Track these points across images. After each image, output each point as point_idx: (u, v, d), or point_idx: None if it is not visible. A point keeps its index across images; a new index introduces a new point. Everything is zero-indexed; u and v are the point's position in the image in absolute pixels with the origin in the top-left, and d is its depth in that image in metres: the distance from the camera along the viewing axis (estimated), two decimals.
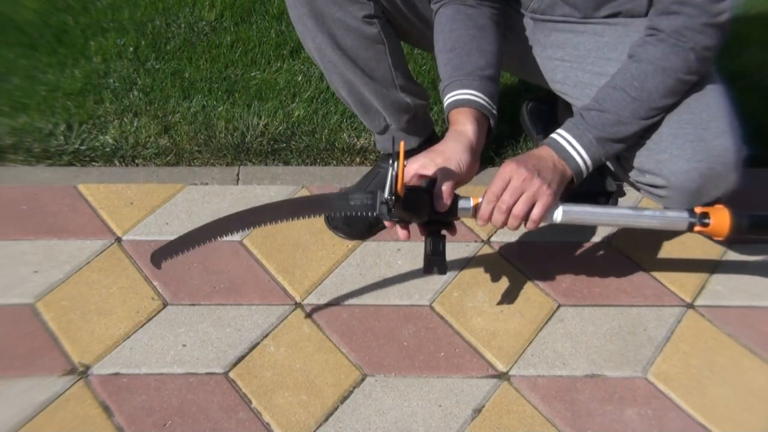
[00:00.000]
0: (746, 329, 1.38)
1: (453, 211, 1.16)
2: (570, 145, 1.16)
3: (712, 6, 1.10)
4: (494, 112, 1.20)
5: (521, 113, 1.73)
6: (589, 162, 1.17)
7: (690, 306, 1.42)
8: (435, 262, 1.20)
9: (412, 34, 1.41)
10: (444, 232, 1.20)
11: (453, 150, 1.14)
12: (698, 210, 1.22)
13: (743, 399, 1.27)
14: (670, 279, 1.46)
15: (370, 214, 1.19)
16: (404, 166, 1.08)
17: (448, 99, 1.20)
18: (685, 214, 1.23)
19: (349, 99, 1.46)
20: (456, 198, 1.15)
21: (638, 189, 1.30)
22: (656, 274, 1.47)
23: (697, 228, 1.21)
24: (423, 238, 1.20)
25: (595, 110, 1.17)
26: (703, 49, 1.13)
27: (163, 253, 1.29)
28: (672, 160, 1.19)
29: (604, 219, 1.24)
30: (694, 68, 1.15)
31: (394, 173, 1.06)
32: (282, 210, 1.24)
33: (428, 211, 1.15)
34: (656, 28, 1.16)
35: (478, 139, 1.17)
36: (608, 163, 1.30)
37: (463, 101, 1.18)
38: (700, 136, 1.17)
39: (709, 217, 1.22)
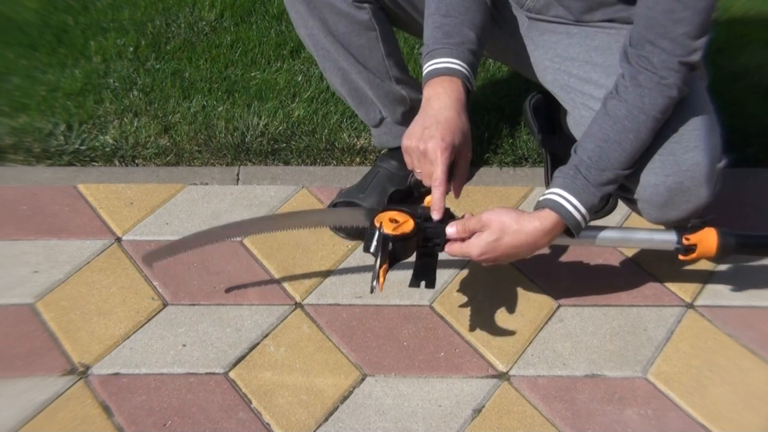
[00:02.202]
0: (746, 329, 1.38)
1: (441, 240, 1.19)
2: (576, 209, 1.15)
3: (688, 42, 1.09)
4: (472, 89, 1.21)
5: (524, 108, 1.74)
6: (588, 219, 1.17)
7: (690, 306, 1.42)
8: (423, 277, 1.21)
9: (405, 21, 1.41)
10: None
11: (462, 131, 1.15)
12: (686, 241, 1.23)
13: (743, 399, 1.27)
14: (670, 279, 1.46)
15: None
16: (386, 270, 1.12)
17: (440, 62, 1.18)
18: (672, 237, 1.24)
19: (343, 89, 1.46)
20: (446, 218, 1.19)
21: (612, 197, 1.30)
22: (656, 274, 1.47)
23: (682, 257, 1.24)
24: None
25: (594, 169, 1.14)
26: (685, 85, 1.12)
27: (156, 255, 1.31)
28: (641, 173, 1.18)
29: (590, 242, 1.26)
30: (674, 105, 1.14)
31: (376, 276, 1.11)
32: (277, 222, 1.30)
33: (414, 249, 1.19)
34: (636, 64, 1.13)
35: (466, 106, 1.18)
36: None
37: (453, 71, 1.17)
38: (670, 149, 1.16)
39: (695, 245, 1.23)
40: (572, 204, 1.14)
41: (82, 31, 2.07)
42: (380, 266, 1.11)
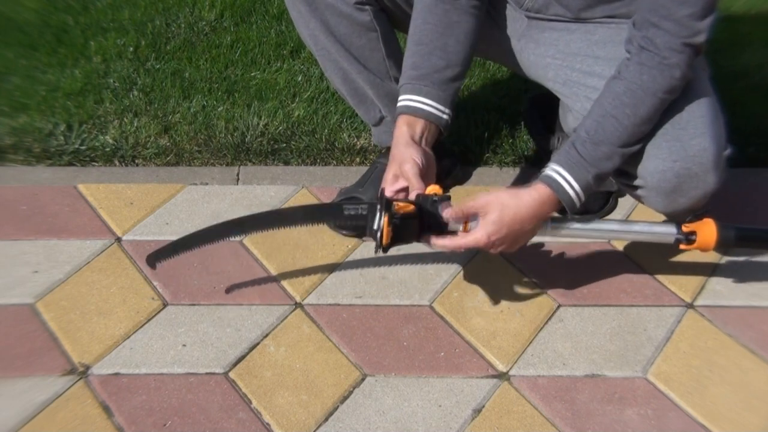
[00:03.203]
0: (746, 329, 1.38)
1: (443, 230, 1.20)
2: (569, 184, 1.16)
3: (692, 23, 1.09)
4: (443, 116, 1.25)
5: (522, 109, 1.74)
6: (582, 197, 1.18)
7: (690, 306, 1.42)
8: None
9: (406, 23, 1.41)
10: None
11: (421, 161, 1.20)
12: (686, 228, 1.24)
13: (743, 399, 1.27)
14: (670, 279, 1.46)
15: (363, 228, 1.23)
16: (388, 222, 1.13)
17: (398, 102, 1.26)
18: (672, 229, 1.24)
19: (343, 89, 1.47)
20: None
21: (617, 187, 1.31)
22: (656, 274, 1.47)
23: (683, 246, 1.23)
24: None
25: (589, 143, 1.15)
26: (687, 66, 1.12)
27: (158, 255, 1.30)
28: (648, 159, 1.18)
29: (592, 233, 1.27)
30: (678, 86, 1.14)
31: (380, 230, 1.11)
32: (278, 218, 1.30)
33: (418, 233, 1.19)
34: (638, 45, 1.13)
35: (425, 139, 1.25)
36: None
37: (409, 109, 1.24)
38: (677, 135, 1.16)
39: (695, 232, 1.23)
40: (565, 179, 1.16)
41: (82, 31, 2.07)
42: (382, 220, 1.11)
